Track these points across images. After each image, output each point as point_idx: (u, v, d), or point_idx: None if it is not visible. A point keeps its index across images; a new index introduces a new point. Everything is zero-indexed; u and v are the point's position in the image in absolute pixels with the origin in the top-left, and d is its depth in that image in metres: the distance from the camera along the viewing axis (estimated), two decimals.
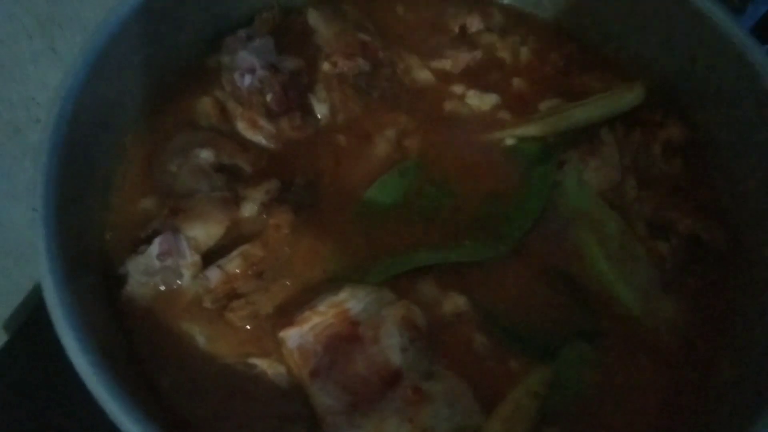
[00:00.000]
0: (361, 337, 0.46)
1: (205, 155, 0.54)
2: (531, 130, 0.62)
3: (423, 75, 0.66)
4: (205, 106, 0.60)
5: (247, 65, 0.59)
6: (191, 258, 0.50)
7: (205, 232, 0.52)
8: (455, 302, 0.52)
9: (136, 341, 0.50)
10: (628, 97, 0.62)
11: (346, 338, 0.46)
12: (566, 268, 0.55)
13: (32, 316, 0.73)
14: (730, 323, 0.52)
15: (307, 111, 0.61)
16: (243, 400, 0.48)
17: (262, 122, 0.57)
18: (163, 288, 0.51)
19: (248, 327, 0.50)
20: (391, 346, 0.45)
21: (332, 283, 0.51)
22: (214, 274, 0.50)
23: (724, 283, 0.54)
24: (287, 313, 0.50)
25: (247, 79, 0.59)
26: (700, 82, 0.60)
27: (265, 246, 0.53)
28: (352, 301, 0.49)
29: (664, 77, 0.63)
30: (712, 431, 0.47)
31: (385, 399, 0.44)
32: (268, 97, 0.57)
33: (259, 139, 0.58)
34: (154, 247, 0.49)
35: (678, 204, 0.57)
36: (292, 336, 0.46)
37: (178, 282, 0.51)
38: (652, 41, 0.63)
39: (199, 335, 0.50)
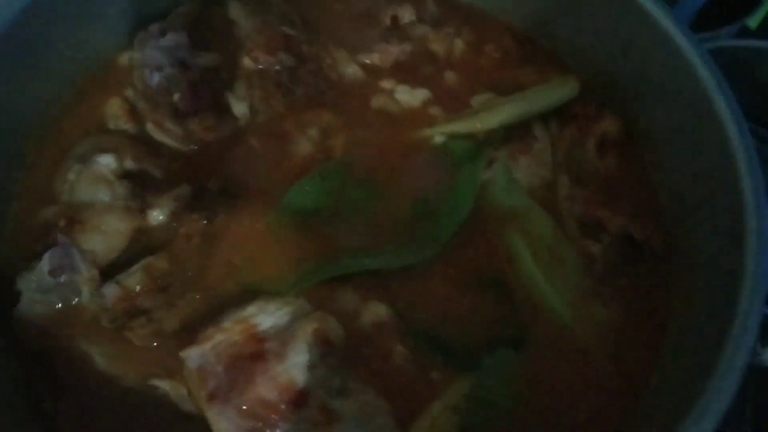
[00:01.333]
0: (266, 355, 0.43)
1: (106, 161, 0.51)
2: (461, 126, 0.59)
3: (350, 70, 0.63)
4: (113, 107, 0.57)
5: (155, 63, 0.55)
6: (87, 273, 0.47)
7: (104, 244, 0.49)
8: (376, 312, 0.49)
9: (29, 364, 0.46)
10: (562, 90, 0.60)
11: (250, 357, 0.43)
12: (495, 273, 0.53)
13: None
14: (662, 329, 0.50)
15: (224, 110, 0.57)
16: (143, 425, 0.45)
17: (169, 124, 0.53)
18: (59, 305, 0.47)
19: (155, 344, 0.47)
20: (296, 364, 0.42)
21: (244, 298, 0.48)
22: (111, 291, 0.46)
23: (658, 286, 0.52)
24: (193, 331, 0.47)
25: (156, 77, 0.55)
26: (636, 75, 0.57)
27: (173, 258, 0.50)
28: (260, 315, 0.46)
29: (600, 70, 0.61)
30: None
31: (289, 422, 0.41)
32: (176, 97, 0.53)
33: (169, 141, 0.55)
34: (45, 263, 0.46)
35: (610, 202, 0.54)
36: (193, 356, 0.43)
37: (76, 299, 0.48)
38: (587, 32, 0.61)
39: (99, 356, 0.47)
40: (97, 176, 0.50)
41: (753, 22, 0.99)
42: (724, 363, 0.40)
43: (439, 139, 0.59)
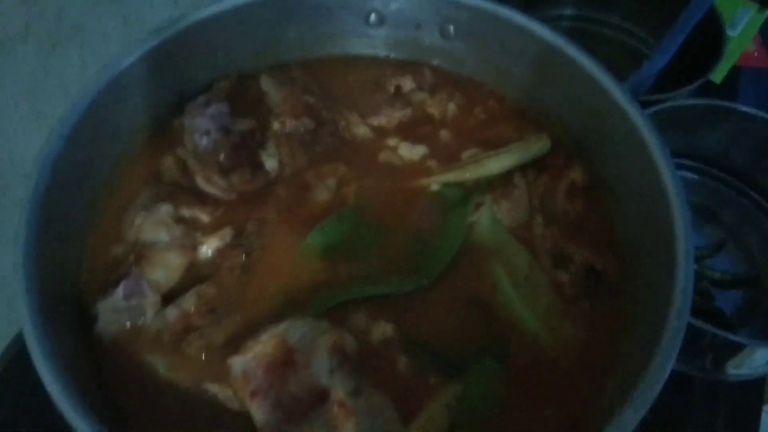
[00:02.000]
0: (296, 362, 0.54)
1: (165, 209, 0.63)
2: (452, 176, 0.71)
3: (361, 130, 0.76)
4: (168, 163, 0.70)
5: (203, 129, 0.68)
6: (152, 298, 0.59)
7: (164, 275, 0.61)
8: (383, 330, 0.60)
9: (106, 371, 0.58)
10: (536, 146, 0.72)
11: (283, 363, 0.54)
12: (480, 298, 0.64)
13: (19, 353, 0.81)
14: (617, 345, 0.60)
15: (258, 166, 0.70)
16: (198, 420, 0.56)
17: (216, 178, 0.66)
18: (128, 324, 0.59)
19: (203, 356, 0.59)
20: (320, 369, 0.53)
21: (277, 317, 0.60)
22: (171, 312, 0.58)
23: (614, 309, 0.63)
24: (236, 343, 0.58)
25: (204, 141, 0.68)
26: (596, 133, 0.70)
27: (218, 285, 0.61)
28: (290, 331, 0.57)
29: (569, 129, 0.73)
30: None
31: (315, 413, 0.52)
32: (221, 156, 0.66)
33: (214, 191, 0.67)
34: (120, 290, 0.58)
35: (576, 239, 0.66)
36: (237, 363, 0.55)
37: (142, 319, 0.59)
38: (557, 98, 0.73)
39: (160, 365, 0.58)
40: (158, 221, 0.62)
41: (716, 77, 1.12)
42: (651, 370, 0.50)
43: (434, 187, 0.71)
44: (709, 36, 0.93)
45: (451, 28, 0.77)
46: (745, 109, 0.79)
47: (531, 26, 0.70)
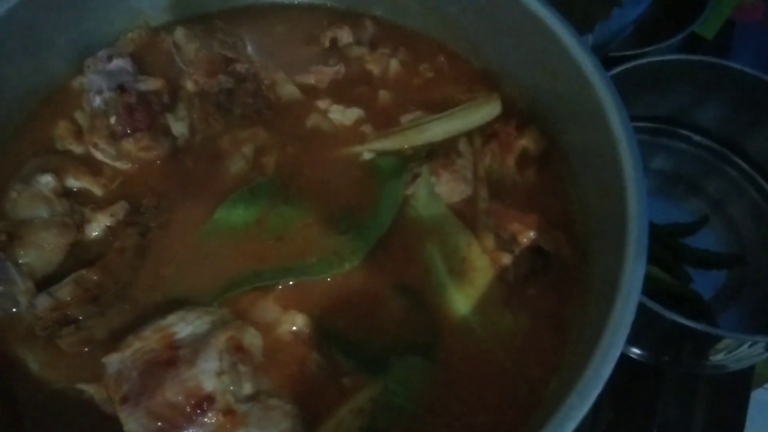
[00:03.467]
0: (178, 361, 0.46)
1: (46, 180, 0.55)
2: (389, 143, 0.62)
3: (288, 90, 0.66)
4: (61, 129, 0.61)
5: (96, 87, 0.59)
6: (24, 285, 0.51)
7: (41, 258, 0.52)
8: (293, 321, 0.52)
9: None
10: (484, 109, 0.63)
11: (163, 363, 0.46)
12: (410, 283, 0.55)
13: None
14: (563, 339, 0.52)
15: (162, 131, 0.61)
16: (69, 426, 0.48)
17: (103, 144, 0.57)
18: None
19: (85, 351, 0.51)
20: (205, 370, 0.45)
21: (171, 308, 0.52)
22: (42, 301, 0.50)
23: (563, 295, 0.54)
24: (122, 338, 0.51)
25: (97, 100, 0.59)
26: (553, 96, 0.60)
27: (105, 270, 0.53)
28: (180, 324, 0.49)
29: (524, 90, 0.63)
30: None
31: (194, 424, 0.44)
32: (112, 119, 0.57)
33: (108, 160, 0.59)
34: None
35: (523, 216, 0.57)
36: (112, 361, 0.47)
37: (14, 309, 0.51)
38: (513, 55, 0.63)
39: (33, 361, 0.50)
40: (36, 194, 0.54)
41: (707, 31, 1.01)
42: (597, 357, 0.43)
43: (367, 155, 0.62)
44: None
45: None
46: (731, 65, 0.69)
47: None
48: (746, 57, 1.05)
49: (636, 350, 0.71)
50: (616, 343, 0.43)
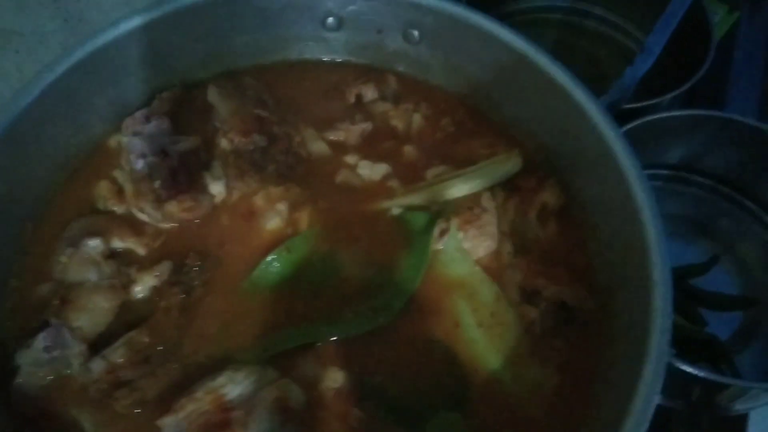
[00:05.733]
0: (232, 423, 0.49)
1: (94, 244, 0.57)
2: (416, 199, 0.65)
3: (318, 147, 0.69)
4: (102, 189, 0.63)
5: (138, 150, 0.62)
6: (77, 348, 0.53)
7: (92, 320, 0.55)
8: (334, 377, 0.55)
9: (27, 429, 0.52)
10: (506, 165, 0.66)
11: (218, 425, 0.49)
12: (441, 337, 0.58)
13: None
14: (591, 390, 0.55)
15: (201, 190, 0.63)
16: None
17: (149, 208, 0.59)
18: (52, 377, 0.53)
19: (137, 411, 0.53)
20: (259, 431, 0.48)
21: (217, 366, 0.54)
22: (96, 366, 0.52)
23: (589, 348, 0.57)
24: (173, 397, 0.53)
25: (140, 164, 0.61)
26: (571, 151, 0.64)
27: (153, 330, 0.56)
28: (229, 385, 0.51)
29: (542, 146, 0.67)
30: None
31: None
32: (156, 184, 0.60)
33: (151, 221, 0.61)
34: (39, 342, 0.52)
35: (548, 270, 0.60)
36: (168, 424, 0.49)
37: (68, 371, 0.54)
38: (530, 111, 0.67)
39: (87, 422, 0.52)
40: (86, 259, 0.57)
41: None
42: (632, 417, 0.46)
43: (396, 211, 0.65)
44: (695, 36, 0.86)
45: (416, 33, 0.70)
46: (728, 116, 0.73)
47: (499, 32, 0.63)
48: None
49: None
50: (650, 402, 0.46)
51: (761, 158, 0.76)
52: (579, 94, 0.60)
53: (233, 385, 0.51)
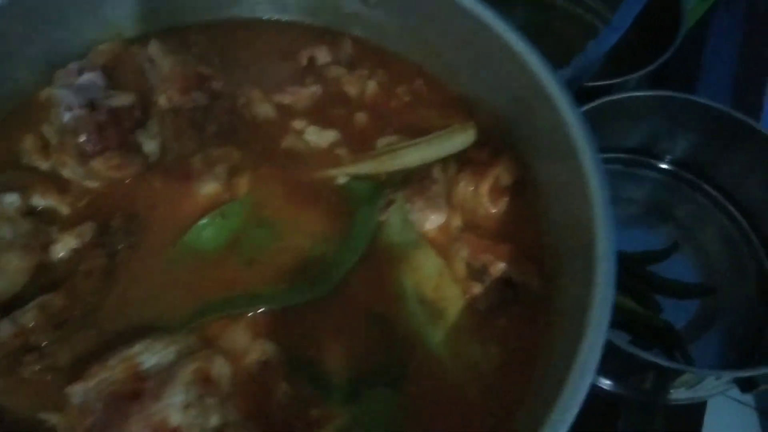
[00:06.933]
0: (144, 394, 0.45)
1: (11, 200, 0.53)
2: (364, 168, 0.62)
3: (264, 109, 0.65)
4: (27, 144, 0.59)
5: (66, 102, 0.57)
6: None
7: (3, 281, 0.51)
8: (263, 349, 0.52)
9: None
10: (460, 137, 0.63)
11: (129, 395, 0.45)
12: (380, 311, 0.55)
13: None
14: (531, 370, 0.53)
15: (133, 148, 0.59)
16: None
17: (72, 163, 0.55)
18: None
19: (48, 378, 0.50)
20: (171, 404, 0.45)
21: (139, 334, 0.51)
22: (4, 328, 0.49)
23: (532, 327, 0.55)
24: (88, 366, 0.49)
25: (66, 117, 0.57)
26: (527, 126, 0.61)
27: (70, 294, 0.52)
28: (145, 354, 0.48)
29: (500, 118, 0.64)
30: None
31: None
32: (81, 138, 0.56)
33: (76, 179, 0.57)
34: None
35: (496, 246, 0.58)
36: (76, 392, 0.46)
37: None
38: (487, 82, 0.64)
39: None
40: (1, 215, 0.53)
41: None
42: (566, 393, 0.43)
43: (342, 179, 0.62)
44: (668, 17, 0.84)
45: None
46: (690, 97, 0.71)
47: None
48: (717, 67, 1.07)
49: (603, 380, 0.72)
50: (584, 378, 0.44)
51: (723, 142, 0.74)
52: (535, 63, 0.56)
53: (150, 354, 0.48)
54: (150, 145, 0.60)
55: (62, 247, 0.54)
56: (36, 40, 0.62)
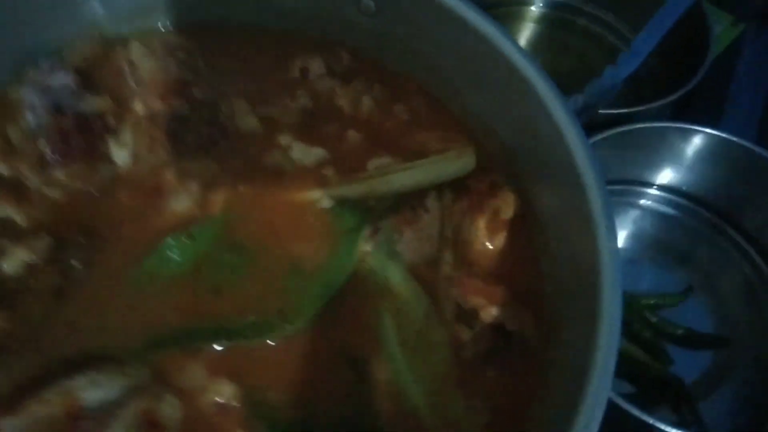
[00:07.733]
0: None
1: None
2: (351, 191, 0.57)
3: (248, 121, 0.61)
4: None
5: (30, 104, 0.53)
6: None
7: None
8: (221, 390, 0.47)
9: None
10: (458, 163, 0.57)
11: None
12: (358, 353, 0.50)
13: None
14: (521, 426, 0.47)
15: (102, 157, 0.55)
16: None
17: (28, 172, 0.51)
18: None
19: None
20: None
21: (87, 363, 0.46)
22: None
23: (524, 382, 0.49)
24: (26, 395, 0.45)
25: (30, 118, 0.53)
26: (531, 154, 0.55)
27: (16, 315, 0.47)
28: (89, 389, 0.43)
29: (502, 146, 0.58)
30: None
31: None
32: (41, 144, 0.51)
33: (34, 187, 0.53)
34: None
35: (488, 288, 0.52)
36: (7, 427, 0.41)
37: None
38: (491, 106, 0.58)
39: None
40: None
41: None
42: None
43: (326, 203, 0.57)
44: (694, 45, 0.78)
45: (371, 2, 0.62)
46: (719, 133, 0.65)
47: (462, 10, 0.55)
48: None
49: None
50: None
51: (751, 183, 0.68)
52: (543, 89, 0.51)
53: (94, 389, 0.43)
54: (120, 155, 0.56)
55: (13, 262, 0.49)
56: (8, 32, 0.58)
